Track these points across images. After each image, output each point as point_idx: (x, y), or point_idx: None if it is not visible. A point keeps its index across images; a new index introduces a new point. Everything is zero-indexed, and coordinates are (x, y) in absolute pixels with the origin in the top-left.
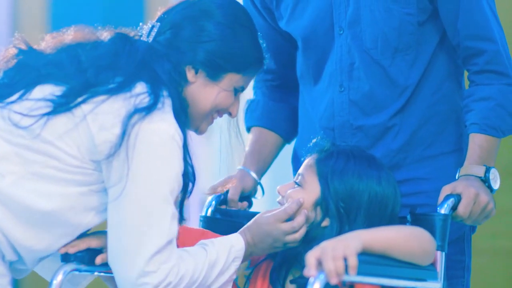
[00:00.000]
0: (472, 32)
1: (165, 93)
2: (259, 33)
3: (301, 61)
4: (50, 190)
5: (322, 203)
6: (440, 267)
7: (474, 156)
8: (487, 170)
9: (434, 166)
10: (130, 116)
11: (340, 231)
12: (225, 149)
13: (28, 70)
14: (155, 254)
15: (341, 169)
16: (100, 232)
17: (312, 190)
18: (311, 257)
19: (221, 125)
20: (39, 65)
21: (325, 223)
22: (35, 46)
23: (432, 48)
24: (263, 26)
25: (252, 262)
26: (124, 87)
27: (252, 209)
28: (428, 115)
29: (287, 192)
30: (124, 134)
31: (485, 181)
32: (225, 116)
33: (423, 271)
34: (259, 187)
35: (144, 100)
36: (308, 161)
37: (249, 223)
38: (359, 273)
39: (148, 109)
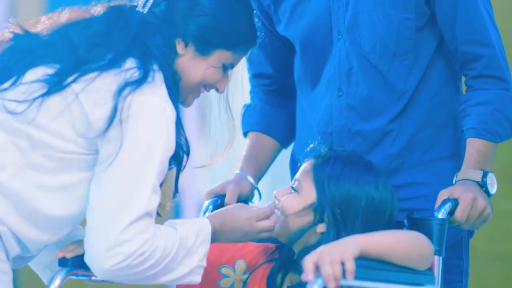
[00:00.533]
0: (470, 37)
1: (155, 67)
2: (254, 12)
3: (299, 65)
4: (48, 182)
5: (318, 208)
6: (438, 271)
7: (471, 160)
8: (485, 175)
9: (432, 171)
10: (120, 90)
11: (337, 237)
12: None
13: (23, 54)
14: (132, 222)
15: (338, 175)
16: None
17: (308, 196)
18: (308, 262)
19: (210, 99)
20: (34, 48)
21: (321, 229)
22: (31, 29)
23: (430, 53)
24: (261, 30)
25: (249, 267)
26: (114, 63)
27: None
28: (426, 120)
29: (282, 198)
30: (116, 108)
31: (483, 185)
32: (214, 91)
33: (421, 276)
34: (256, 192)
35: (134, 74)
36: (305, 166)
37: (220, 211)
38: (357, 277)
39: (138, 83)
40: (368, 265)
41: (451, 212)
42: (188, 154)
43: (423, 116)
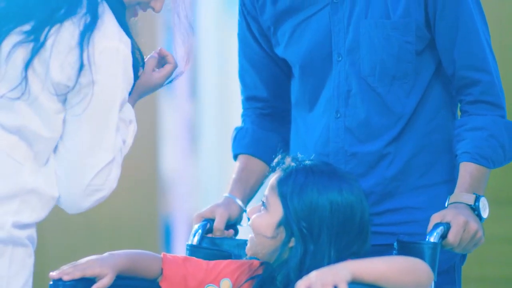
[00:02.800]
0: (468, 62)
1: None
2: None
3: (297, 87)
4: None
5: (286, 224)
6: None
7: (464, 184)
8: (477, 199)
9: (427, 196)
10: (81, 39)
11: (306, 251)
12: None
13: None
14: (102, 168)
15: (300, 187)
16: (95, 259)
17: (275, 211)
18: (300, 286)
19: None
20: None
21: (292, 243)
22: None
23: (428, 78)
24: (258, 53)
25: (234, 285)
26: (70, 12)
27: (238, 237)
28: (423, 144)
29: (252, 216)
30: (81, 57)
31: (475, 209)
32: None
33: None
34: (244, 215)
35: (87, 20)
36: (272, 181)
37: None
38: None
39: (90, 29)
40: None
41: (443, 236)
42: (143, 66)
43: (419, 140)
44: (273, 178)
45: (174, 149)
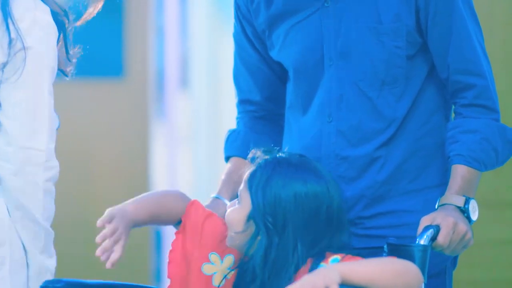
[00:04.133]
0: (462, 66)
1: None
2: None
3: (291, 90)
4: None
5: (253, 217)
6: None
7: (455, 186)
8: (467, 201)
9: (418, 199)
10: (3, 15)
11: (270, 244)
12: None
13: None
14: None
15: (265, 181)
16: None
17: (246, 205)
18: None
19: None
20: None
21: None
22: None
23: (421, 81)
24: (253, 56)
25: (235, 264)
26: None
27: None
28: (414, 149)
29: (227, 211)
30: (8, 32)
31: (464, 211)
32: None
33: None
34: None
35: None
36: (245, 175)
37: None
38: None
39: (5, 2)
40: None
41: (433, 238)
42: (68, 17)
43: (411, 145)
44: (247, 173)
45: (165, 150)
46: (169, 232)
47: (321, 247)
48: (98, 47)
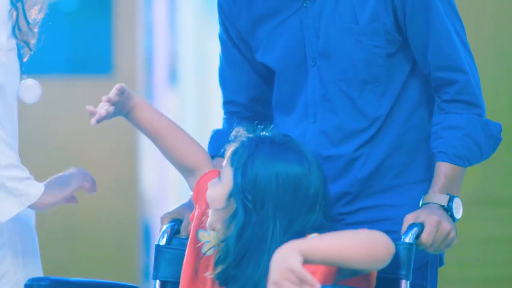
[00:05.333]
0: (442, 63)
1: None
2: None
3: (277, 91)
4: None
5: (235, 195)
6: None
7: (438, 184)
8: (451, 199)
9: (401, 194)
10: None
11: (247, 221)
12: None
13: None
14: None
15: (247, 158)
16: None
17: (227, 183)
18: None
19: None
20: None
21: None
22: None
23: (403, 78)
24: (237, 57)
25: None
26: None
27: None
28: (398, 145)
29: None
30: None
31: (448, 210)
32: None
33: None
34: None
35: None
36: (228, 152)
37: None
38: None
39: None
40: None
41: (417, 236)
42: (22, 3)
43: (395, 141)
44: (229, 150)
45: (154, 152)
46: (157, 231)
47: (298, 227)
48: (86, 44)
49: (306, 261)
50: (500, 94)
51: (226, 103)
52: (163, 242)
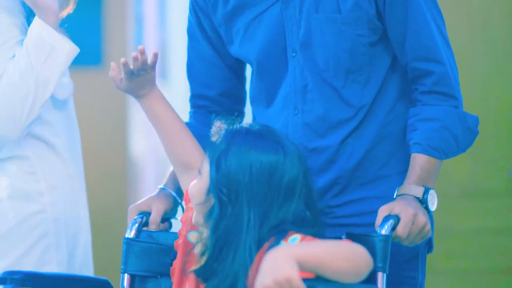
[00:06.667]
0: (419, 54)
1: None
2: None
3: (255, 84)
4: None
5: (211, 189)
6: None
7: (414, 176)
8: (426, 191)
9: (387, 186)
10: None
11: (223, 214)
12: None
13: None
14: None
15: (220, 152)
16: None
17: (206, 177)
18: None
19: None
20: None
21: None
22: None
23: (386, 68)
24: (208, 51)
25: None
26: None
27: (172, 230)
28: (382, 135)
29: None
30: None
31: (423, 202)
32: None
33: None
34: (180, 208)
35: None
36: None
37: None
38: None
39: None
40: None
41: (393, 228)
42: None
43: (379, 131)
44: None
45: (143, 138)
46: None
47: (275, 219)
48: (76, 35)
49: (300, 265)
50: (490, 88)
51: (194, 97)
52: (131, 235)
